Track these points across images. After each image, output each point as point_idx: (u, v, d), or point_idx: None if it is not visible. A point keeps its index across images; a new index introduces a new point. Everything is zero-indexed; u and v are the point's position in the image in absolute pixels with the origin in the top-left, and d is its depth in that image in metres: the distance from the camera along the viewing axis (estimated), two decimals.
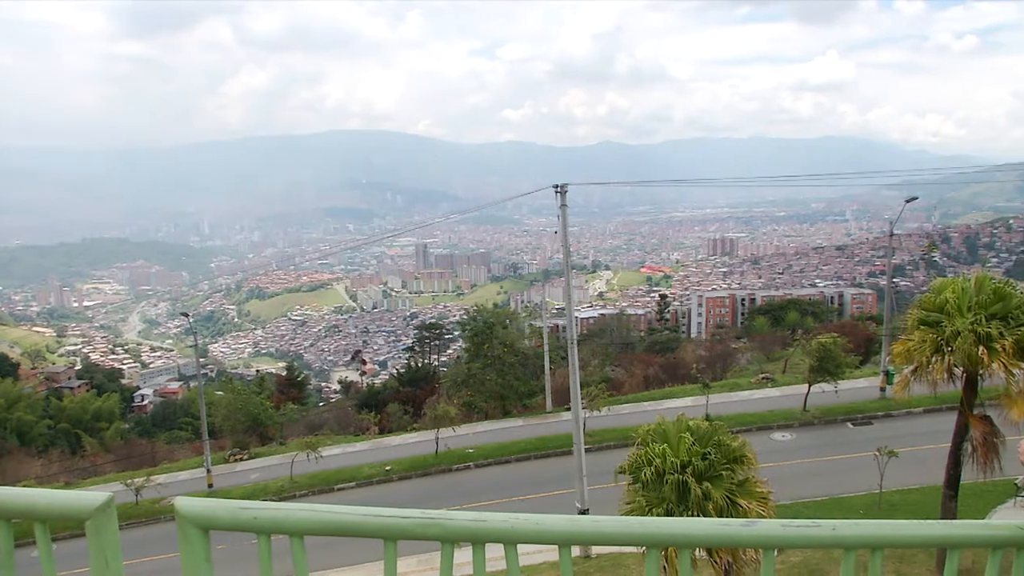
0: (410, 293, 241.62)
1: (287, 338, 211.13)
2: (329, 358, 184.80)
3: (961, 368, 16.20)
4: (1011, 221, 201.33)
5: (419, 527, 1.72)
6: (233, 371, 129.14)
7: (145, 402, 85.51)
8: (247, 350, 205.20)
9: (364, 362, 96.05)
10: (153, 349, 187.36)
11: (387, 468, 34.39)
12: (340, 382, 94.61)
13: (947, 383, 16.64)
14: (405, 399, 49.22)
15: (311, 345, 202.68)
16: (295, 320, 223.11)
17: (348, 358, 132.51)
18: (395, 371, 75.85)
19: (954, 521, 1.88)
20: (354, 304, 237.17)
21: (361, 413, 49.17)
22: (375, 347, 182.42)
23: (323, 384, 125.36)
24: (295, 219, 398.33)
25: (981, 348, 15.26)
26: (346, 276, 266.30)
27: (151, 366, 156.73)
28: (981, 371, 15.94)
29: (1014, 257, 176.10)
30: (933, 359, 16.22)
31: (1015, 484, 21.86)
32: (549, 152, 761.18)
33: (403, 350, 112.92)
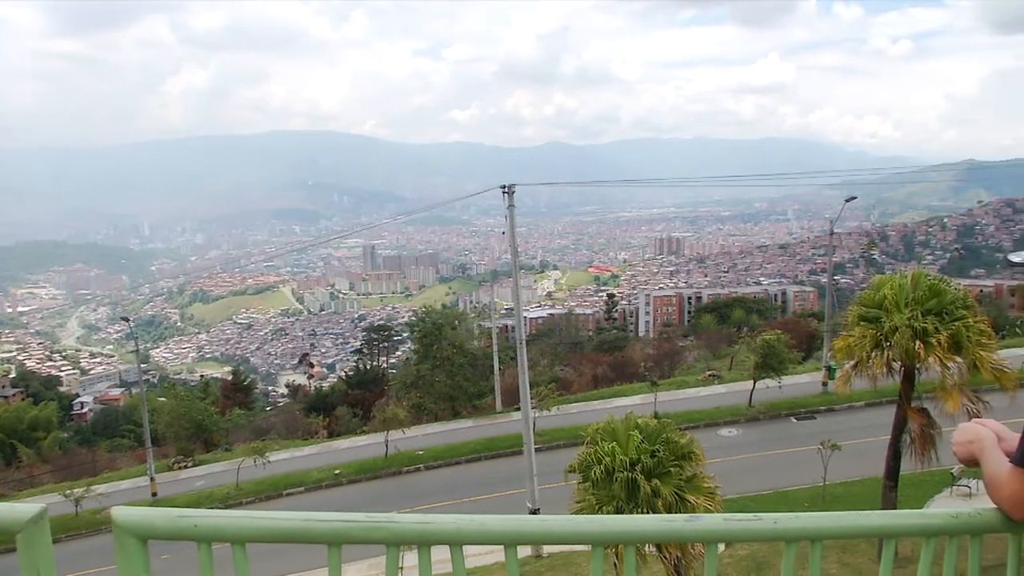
0: (358, 295, 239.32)
1: (232, 342, 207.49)
2: (276, 362, 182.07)
3: (899, 362, 16.64)
4: (945, 220, 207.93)
5: (364, 531, 1.68)
6: (176, 376, 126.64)
7: (85, 410, 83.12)
8: (191, 355, 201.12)
9: (312, 365, 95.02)
10: (93, 355, 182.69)
11: (336, 472, 34.01)
12: (287, 386, 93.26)
13: (886, 377, 17.09)
14: (354, 402, 48.74)
15: (257, 349, 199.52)
16: (240, 323, 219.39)
17: (295, 361, 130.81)
18: (343, 374, 75.13)
19: (890, 511, 1.94)
20: (301, 307, 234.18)
21: (309, 417, 48.52)
22: (323, 350, 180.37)
23: (270, 388, 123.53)
24: (240, 220, 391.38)
25: (918, 343, 15.70)
26: (293, 278, 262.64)
27: (91, 373, 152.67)
28: (918, 365, 16.40)
29: (948, 254, 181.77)
30: (873, 354, 16.64)
31: (951, 474, 22.55)
32: (497, 152, 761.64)
33: (351, 352, 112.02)
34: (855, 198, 44.02)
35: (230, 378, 68.37)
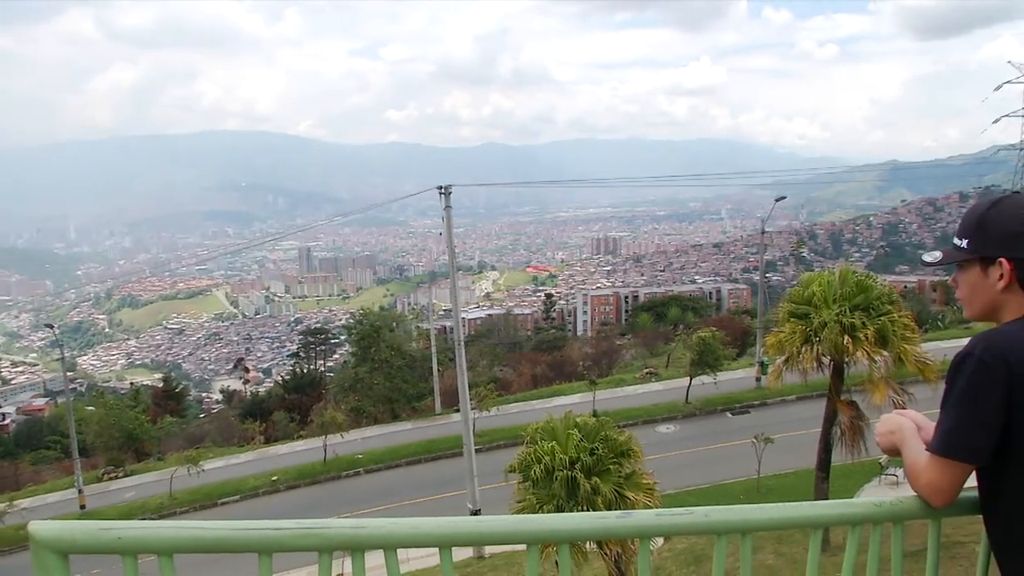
0: (294, 298, 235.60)
1: (163, 348, 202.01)
2: (210, 367, 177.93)
3: (828, 357, 17.09)
4: (871, 218, 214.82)
5: (295, 538, 1.64)
6: (105, 384, 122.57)
7: (7, 421, 79.81)
8: (120, 362, 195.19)
9: (247, 370, 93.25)
10: (15, 364, 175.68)
11: (274, 478, 33.44)
12: (222, 392, 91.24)
13: (816, 371, 17.54)
14: (291, 406, 47.99)
15: (190, 354, 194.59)
16: (172, 329, 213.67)
17: (230, 367, 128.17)
18: (280, 378, 73.90)
19: (815, 502, 2.01)
20: (235, 310, 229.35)
21: (245, 423, 47.58)
22: (258, 354, 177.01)
23: (204, 394, 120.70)
24: (170, 223, 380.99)
25: (846, 337, 16.15)
26: (226, 282, 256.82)
27: (13, 382, 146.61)
28: (847, 359, 16.88)
29: (874, 252, 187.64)
30: (803, 349, 17.06)
31: (879, 463, 23.29)
32: (434, 153, 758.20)
33: (288, 356, 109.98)
34: (785, 198, 45.17)
35: (161, 385, 66.47)
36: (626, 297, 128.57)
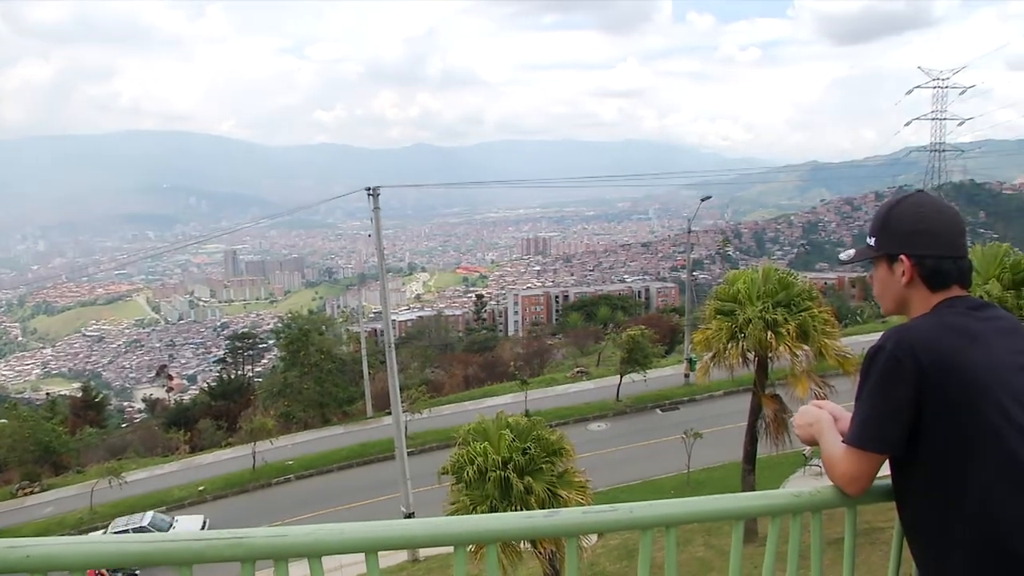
0: (219, 302, 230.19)
1: (81, 356, 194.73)
2: (131, 375, 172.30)
3: (753, 352, 17.52)
4: (792, 217, 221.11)
5: (215, 549, 1.60)
6: (19, 395, 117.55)
7: None
8: (35, 371, 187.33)
9: (171, 377, 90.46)
10: None
11: (200, 488, 32.60)
12: (145, 400, 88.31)
13: (742, 367, 17.98)
14: (218, 414, 46.83)
15: (110, 362, 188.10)
16: (90, 336, 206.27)
17: (153, 374, 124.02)
18: (206, 385, 72.04)
19: (737, 495, 2.05)
20: (157, 316, 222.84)
21: (169, 432, 46.17)
22: (183, 361, 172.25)
23: (125, 404, 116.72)
24: (87, 226, 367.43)
25: (769, 333, 16.58)
26: (147, 287, 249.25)
27: None
28: (770, 354, 17.32)
29: (795, 250, 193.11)
30: (729, 345, 17.45)
31: (803, 455, 23.99)
32: (363, 155, 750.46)
33: (214, 362, 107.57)
34: (710, 197, 46.09)
35: (80, 395, 64.09)
36: (556, 297, 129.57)
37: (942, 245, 1.96)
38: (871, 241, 2.04)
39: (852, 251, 2.14)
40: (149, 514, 28.96)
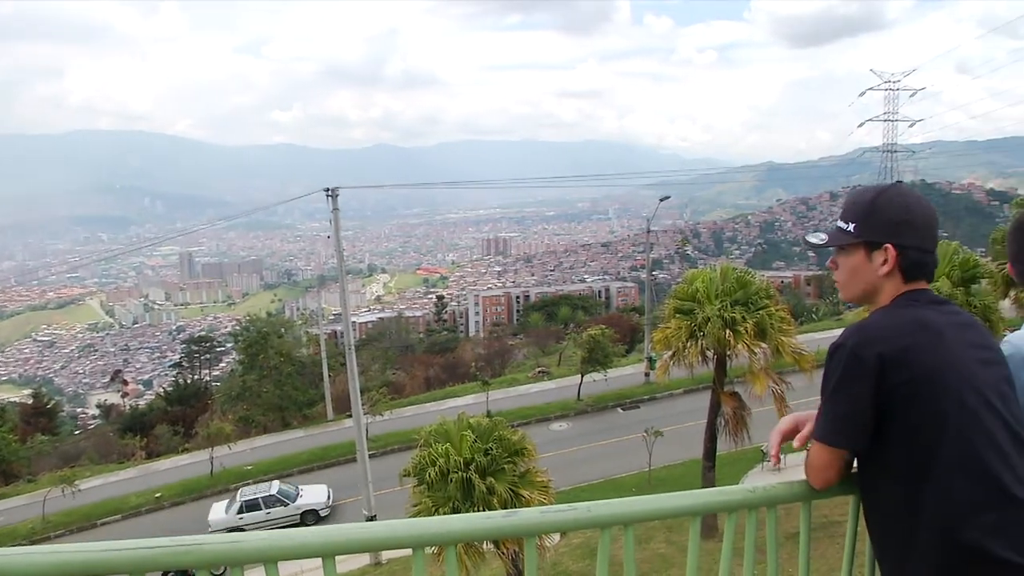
0: (175, 305, 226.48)
1: (32, 362, 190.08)
2: (84, 381, 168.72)
3: (712, 350, 17.71)
4: (749, 217, 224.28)
5: (168, 556, 1.56)
6: None
7: None
8: None
9: (126, 382, 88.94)
10: None
11: (157, 495, 32.02)
12: (99, 406, 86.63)
13: (701, 365, 18.16)
14: (175, 419, 46.03)
15: (62, 368, 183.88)
16: (41, 341, 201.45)
17: (107, 379, 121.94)
18: (162, 390, 70.83)
19: (694, 491, 2.07)
20: (111, 320, 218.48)
21: (125, 438, 45.27)
22: (138, 365, 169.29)
23: (79, 410, 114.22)
24: (37, 228, 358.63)
25: (728, 331, 16.77)
26: (101, 290, 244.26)
27: None
28: (729, 352, 17.54)
29: (753, 249, 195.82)
30: (688, 344, 17.62)
31: (761, 451, 24.31)
32: (322, 155, 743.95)
33: (170, 367, 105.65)
34: (669, 197, 46.51)
35: (30, 401, 62.57)
36: (517, 297, 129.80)
37: (925, 238, 2.00)
38: (849, 227, 2.02)
39: (824, 234, 2.12)
40: (276, 483, 29.22)
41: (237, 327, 50.51)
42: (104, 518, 30.69)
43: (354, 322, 39.62)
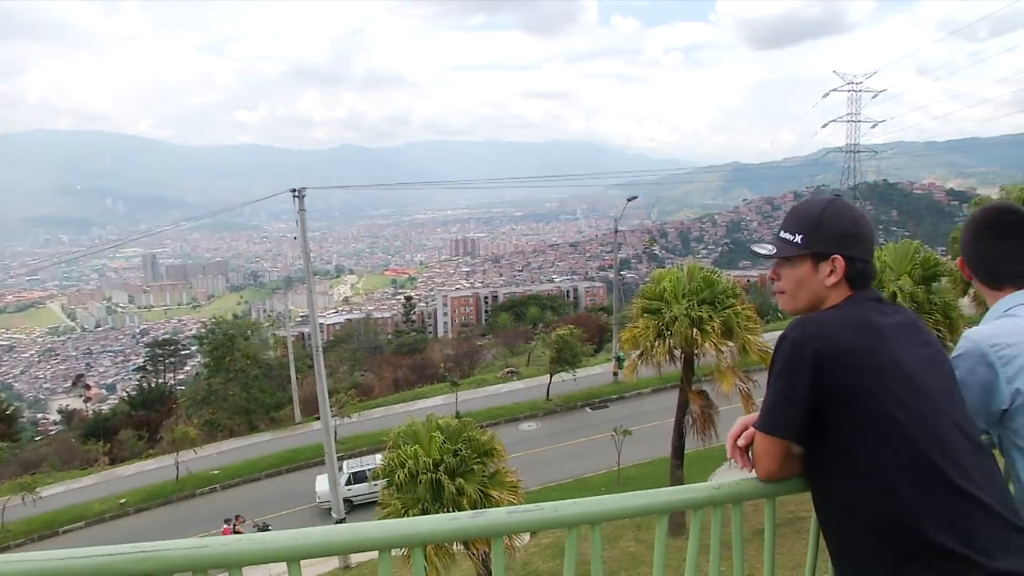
0: (139, 308, 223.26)
1: None
2: (45, 386, 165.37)
3: (680, 349, 17.83)
4: (716, 216, 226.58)
5: (129, 563, 1.52)
6: None
7: None
8: None
9: (88, 387, 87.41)
10: None
11: (121, 501, 31.51)
12: (60, 411, 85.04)
13: (669, 364, 18.26)
14: (139, 424, 45.39)
15: (22, 372, 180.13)
16: (0, 345, 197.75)
17: (68, 384, 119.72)
18: (125, 394, 69.77)
19: (660, 489, 2.08)
20: (73, 324, 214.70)
21: (87, 444, 44.53)
22: (101, 369, 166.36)
23: (39, 415, 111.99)
24: None
25: (695, 330, 16.91)
26: (62, 293, 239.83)
27: None
28: (696, 351, 17.66)
29: (719, 248, 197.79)
30: (656, 343, 17.72)
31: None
32: (287, 155, 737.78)
33: (134, 371, 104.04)
34: (636, 197, 46.73)
35: None
36: (485, 297, 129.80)
37: (868, 249, 2.09)
38: (796, 239, 2.09)
39: (771, 246, 2.16)
40: (378, 456, 28.97)
41: (202, 330, 49.81)
42: (66, 526, 30.16)
43: (322, 324, 39.44)
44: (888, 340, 1.92)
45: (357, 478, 28.04)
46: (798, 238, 2.08)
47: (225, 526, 25.18)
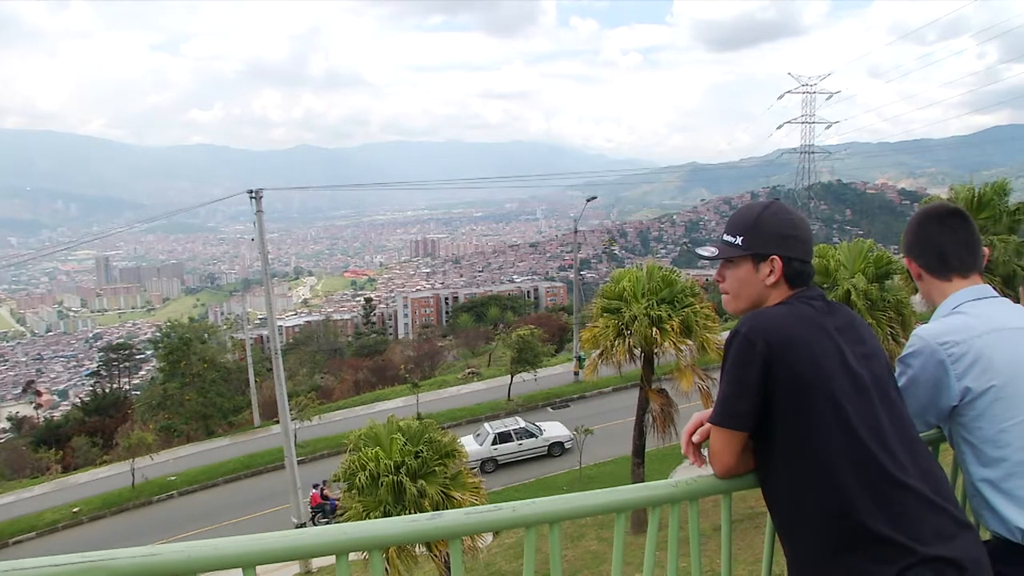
0: (91, 312, 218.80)
1: None
2: None
3: (639, 348, 17.95)
4: (674, 216, 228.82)
5: (76, 572, 1.47)
6: None
7: None
8: None
9: (39, 393, 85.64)
10: None
11: (75, 510, 30.81)
12: (10, 419, 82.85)
13: (629, 363, 18.38)
14: (93, 430, 44.43)
15: None
16: None
17: (19, 390, 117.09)
18: (78, 400, 68.36)
19: (618, 488, 2.11)
20: (22, 328, 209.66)
21: (39, 451, 43.47)
22: (52, 375, 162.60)
23: None
24: None
25: (654, 329, 17.04)
26: (10, 297, 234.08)
27: None
28: (656, 350, 17.79)
29: (678, 247, 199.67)
30: (616, 342, 17.82)
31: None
32: (244, 156, 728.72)
33: (87, 376, 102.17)
34: (596, 198, 46.99)
35: None
36: (446, 298, 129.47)
37: (806, 250, 2.17)
38: (737, 240, 2.18)
39: (713, 248, 2.25)
40: (518, 418, 31.34)
41: (158, 333, 49.06)
42: (16, 536, 29.41)
43: (280, 326, 39.02)
44: (830, 334, 2.01)
45: (502, 437, 28.94)
46: (738, 240, 2.17)
47: (313, 491, 25.77)
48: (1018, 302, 2.63)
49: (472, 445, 27.68)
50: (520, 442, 28.97)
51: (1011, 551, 2.09)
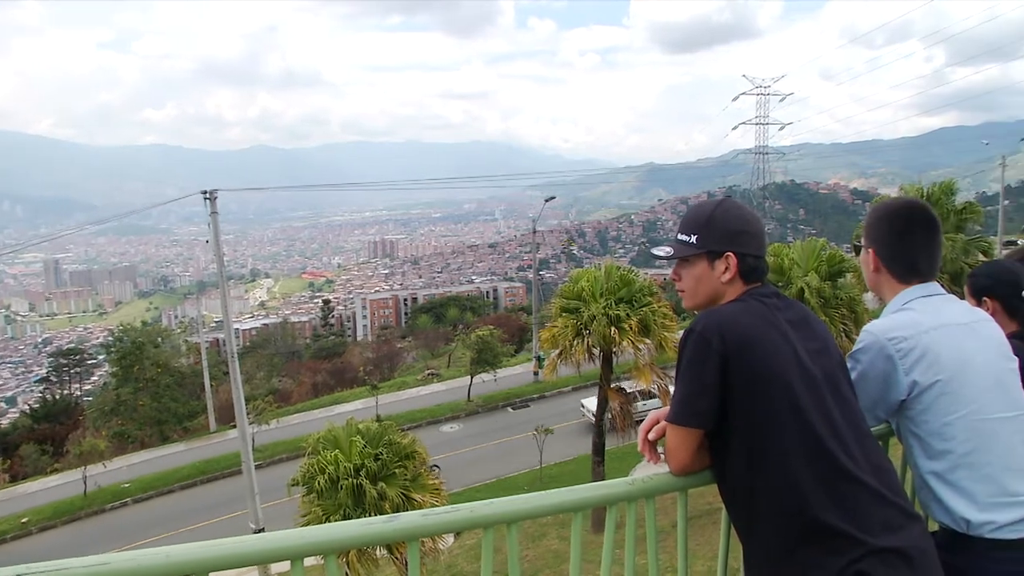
0: (40, 316, 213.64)
1: None
2: None
3: (598, 348, 18.09)
4: (632, 216, 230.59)
5: None
6: None
7: None
8: None
9: None
10: None
11: (24, 520, 30.02)
12: None
13: (588, 362, 18.52)
14: (42, 437, 43.37)
15: None
16: None
17: None
18: (27, 407, 66.76)
19: (575, 487, 2.12)
20: None
21: None
22: None
23: None
24: None
25: (613, 329, 17.19)
26: None
27: None
28: (615, 349, 17.95)
29: (636, 247, 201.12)
30: (575, 342, 17.95)
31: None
32: (198, 156, 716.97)
33: (36, 382, 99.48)
34: (554, 198, 47.20)
35: None
36: (405, 299, 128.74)
37: (759, 245, 2.21)
38: (691, 239, 2.20)
39: (668, 248, 2.28)
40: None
41: (109, 338, 47.93)
42: None
43: (237, 329, 38.49)
44: (784, 331, 2.04)
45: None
46: (693, 238, 2.19)
47: None
48: (964, 299, 2.71)
49: (592, 404, 26.98)
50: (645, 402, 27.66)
51: (957, 541, 2.15)
